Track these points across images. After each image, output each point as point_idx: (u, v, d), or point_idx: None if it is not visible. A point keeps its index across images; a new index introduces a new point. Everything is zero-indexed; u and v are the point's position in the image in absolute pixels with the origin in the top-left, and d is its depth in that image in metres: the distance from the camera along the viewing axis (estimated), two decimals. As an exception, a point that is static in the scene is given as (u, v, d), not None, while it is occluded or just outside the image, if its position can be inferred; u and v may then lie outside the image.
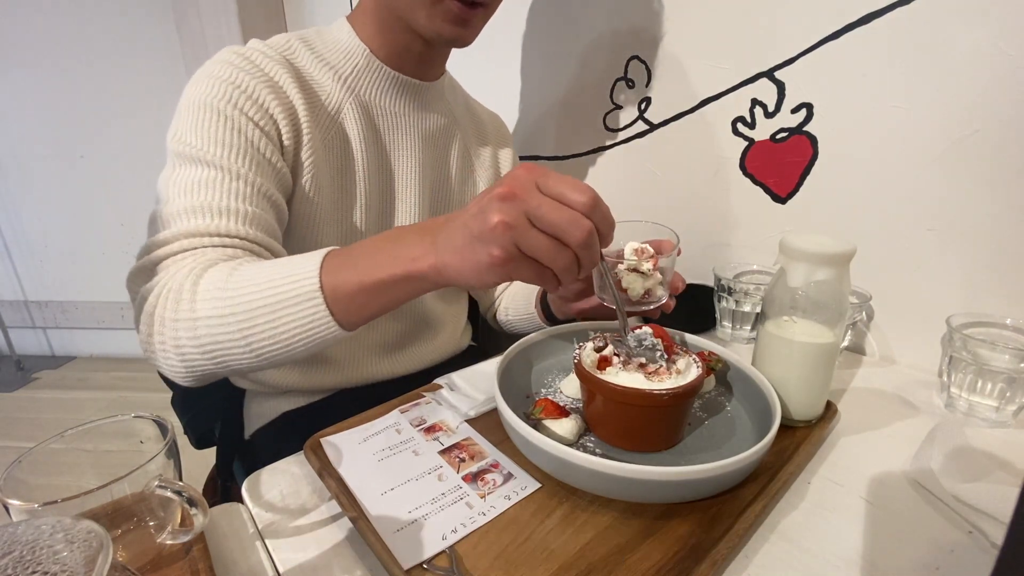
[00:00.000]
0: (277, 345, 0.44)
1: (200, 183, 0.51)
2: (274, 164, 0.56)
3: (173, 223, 0.50)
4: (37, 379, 2.13)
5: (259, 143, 0.54)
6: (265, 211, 0.54)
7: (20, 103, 1.93)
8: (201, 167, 0.51)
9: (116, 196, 2.02)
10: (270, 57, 0.58)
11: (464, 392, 0.55)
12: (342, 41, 0.63)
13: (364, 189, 0.65)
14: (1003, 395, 0.54)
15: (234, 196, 0.51)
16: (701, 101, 0.80)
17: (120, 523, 0.34)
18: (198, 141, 0.52)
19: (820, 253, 0.47)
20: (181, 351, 0.45)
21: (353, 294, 0.42)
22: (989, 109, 0.58)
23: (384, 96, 0.66)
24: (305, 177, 0.60)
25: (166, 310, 0.45)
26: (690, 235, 0.88)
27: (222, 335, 0.44)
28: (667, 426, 0.46)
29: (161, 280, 0.47)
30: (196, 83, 0.55)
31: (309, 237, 0.63)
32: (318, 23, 1.49)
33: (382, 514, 0.40)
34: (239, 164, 0.52)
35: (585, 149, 0.98)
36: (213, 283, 0.45)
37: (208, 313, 0.44)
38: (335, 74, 0.62)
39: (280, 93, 0.57)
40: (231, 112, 0.53)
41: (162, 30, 1.78)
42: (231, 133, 0.53)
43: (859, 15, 0.64)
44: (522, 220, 0.36)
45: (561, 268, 0.37)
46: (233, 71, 0.55)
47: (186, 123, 0.53)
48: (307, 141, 0.59)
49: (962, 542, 0.40)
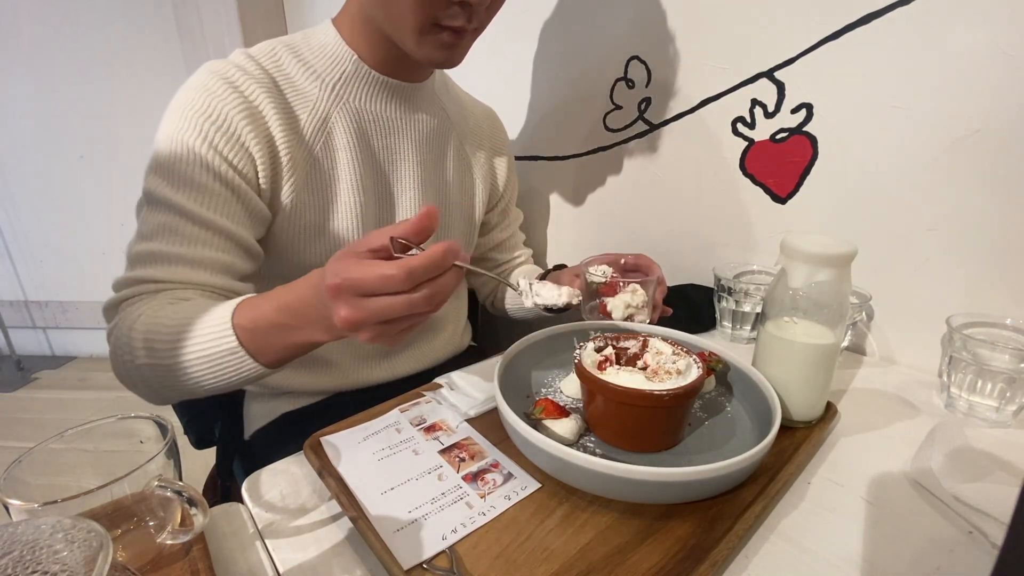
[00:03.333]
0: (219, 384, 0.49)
1: (162, 228, 0.53)
2: (246, 201, 0.56)
3: (134, 266, 0.54)
4: (37, 379, 2.13)
5: (231, 180, 0.55)
6: (229, 253, 0.56)
7: (20, 103, 1.93)
8: (164, 211, 0.53)
9: (116, 196, 2.01)
10: (250, 75, 0.56)
11: (464, 392, 0.55)
12: (328, 46, 0.62)
13: (356, 200, 0.63)
14: (1003, 395, 0.54)
15: (193, 243, 0.53)
16: (701, 101, 0.80)
17: (120, 523, 0.34)
18: (168, 180, 0.53)
19: (821, 254, 0.47)
20: (148, 384, 0.52)
21: (274, 352, 0.48)
22: (989, 109, 0.58)
23: (374, 101, 0.64)
24: (287, 200, 0.60)
25: (124, 352, 0.50)
26: (690, 235, 0.88)
27: (165, 381, 0.50)
28: (667, 426, 0.46)
29: (117, 324, 0.52)
30: (171, 115, 0.55)
31: (294, 254, 0.63)
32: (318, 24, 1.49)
33: (382, 514, 0.40)
34: (204, 208, 0.54)
35: (585, 149, 0.98)
36: (143, 334, 0.49)
37: (148, 362, 0.49)
38: (322, 82, 0.61)
39: (257, 119, 0.56)
40: (203, 150, 0.53)
41: (162, 30, 1.78)
42: (201, 172, 0.53)
43: (859, 15, 0.63)
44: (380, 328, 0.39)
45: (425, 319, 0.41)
46: (208, 100, 0.54)
47: (161, 158, 0.54)
48: (287, 165, 0.58)
49: (962, 542, 0.40)
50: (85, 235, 2.08)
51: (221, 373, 0.48)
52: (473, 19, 0.55)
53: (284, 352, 0.47)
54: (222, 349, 0.47)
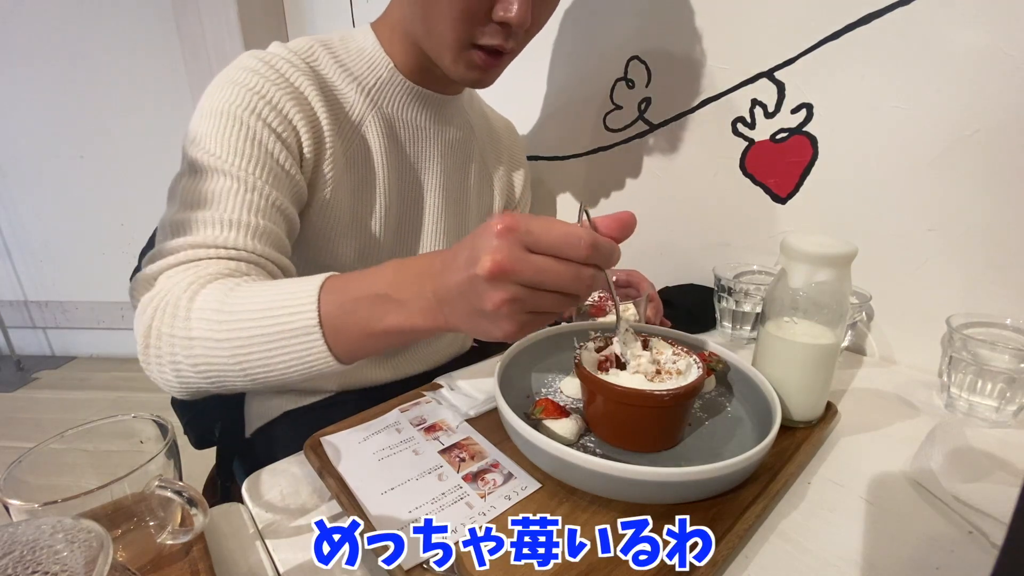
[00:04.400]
0: (273, 373, 0.44)
1: (211, 193, 0.50)
2: (291, 176, 0.55)
3: (180, 232, 0.49)
4: (37, 379, 2.13)
5: (278, 154, 0.53)
6: (277, 224, 0.53)
7: (20, 103, 1.93)
8: (214, 176, 0.50)
9: (116, 196, 2.01)
10: (294, 65, 0.56)
11: (464, 392, 0.55)
12: (367, 51, 0.62)
13: (384, 203, 0.64)
14: (1003, 395, 0.54)
15: (246, 208, 0.50)
16: (701, 101, 0.80)
17: (120, 523, 0.34)
18: (215, 148, 0.51)
19: (821, 254, 0.47)
20: (177, 367, 0.45)
21: (357, 340, 0.42)
22: (989, 109, 0.58)
23: (406, 109, 0.65)
24: (326, 190, 0.59)
25: (163, 324, 0.44)
26: (690, 235, 0.88)
27: (217, 358, 0.43)
28: (667, 427, 0.46)
29: (160, 292, 0.46)
30: (217, 88, 0.54)
31: (326, 249, 0.62)
32: (318, 24, 1.49)
33: (382, 514, 0.40)
34: (255, 175, 0.51)
35: (585, 149, 0.98)
36: (209, 303, 0.44)
37: (203, 335, 0.43)
38: (358, 85, 0.61)
39: (303, 103, 0.56)
40: (251, 121, 0.52)
41: (162, 30, 1.78)
42: (249, 143, 0.52)
43: (859, 15, 0.63)
44: (523, 292, 0.34)
45: (570, 307, 0.39)
46: (256, 78, 0.54)
47: (204, 129, 0.52)
48: (329, 154, 0.58)
49: (962, 542, 0.40)
50: (85, 235, 2.08)
51: (281, 359, 0.42)
52: (511, 39, 0.55)
53: (365, 341, 0.42)
54: (295, 327, 0.41)
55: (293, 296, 0.42)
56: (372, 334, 0.41)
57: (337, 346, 0.42)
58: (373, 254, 0.65)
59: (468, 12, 0.52)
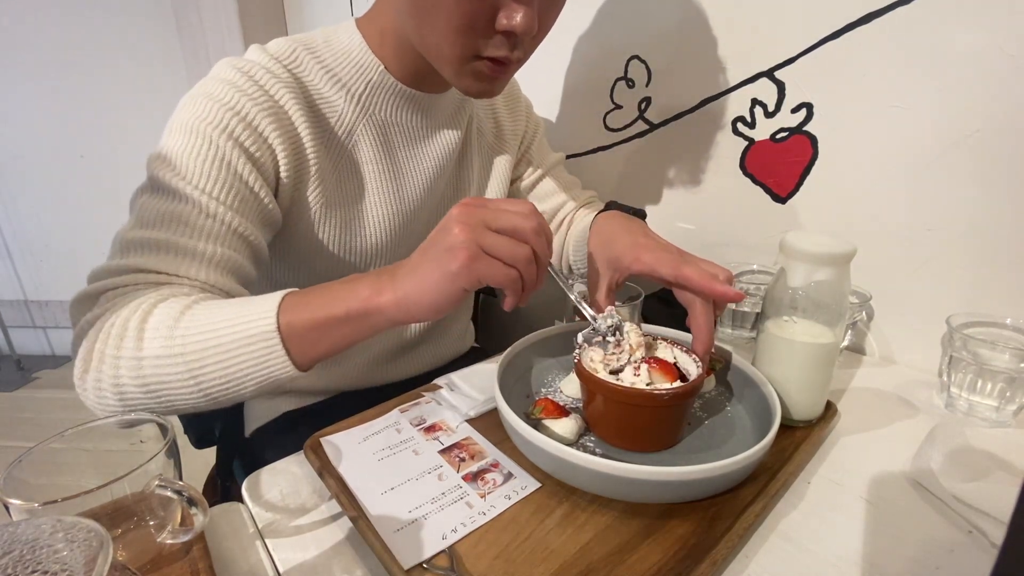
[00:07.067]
0: (228, 385, 0.42)
1: (170, 215, 0.47)
2: (260, 200, 0.52)
3: (130, 252, 0.47)
4: (37, 379, 2.13)
5: (247, 176, 0.50)
6: (237, 251, 0.50)
7: (20, 103, 1.93)
8: (175, 198, 0.48)
9: (116, 196, 1.99)
10: (274, 75, 0.52)
11: (464, 392, 0.55)
12: (353, 53, 0.57)
13: (380, 213, 0.61)
14: (1003, 395, 0.54)
15: (202, 236, 0.48)
16: (701, 101, 0.80)
17: (120, 523, 0.34)
18: (180, 167, 0.48)
19: (820, 253, 0.47)
20: (120, 389, 0.42)
21: (306, 331, 0.42)
22: (989, 109, 0.58)
23: (400, 113, 0.61)
24: (315, 206, 0.57)
25: (107, 346, 0.42)
26: (690, 235, 0.88)
27: (169, 375, 0.42)
28: (667, 426, 0.46)
29: (105, 314, 0.44)
30: (191, 100, 0.51)
31: (313, 261, 0.61)
32: (319, 24, 1.49)
33: (382, 514, 0.40)
34: (218, 200, 0.48)
35: (585, 149, 0.98)
36: (163, 321, 0.42)
37: (155, 352, 0.42)
38: (347, 92, 0.57)
39: (283, 120, 0.52)
40: (221, 141, 0.49)
41: (162, 30, 1.78)
42: (217, 164, 0.49)
43: (859, 15, 0.63)
44: (480, 226, 0.40)
45: (523, 263, 0.41)
46: (232, 92, 0.50)
47: (171, 144, 0.49)
48: (315, 171, 0.55)
49: (962, 542, 0.40)
50: (85, 235, 2.07)
51: (238, 367, 0.42)
52: (517, 48, 0.51)
53: (319, 333, 0.42)
54: (252, 333, 0.41)
55: (254, 305, 0.43)
56: (319, 324, 0.42)
57: (292, 343, 0.42)
58: (372, 264, 0.63)
59: (469, 23, 0.48)
